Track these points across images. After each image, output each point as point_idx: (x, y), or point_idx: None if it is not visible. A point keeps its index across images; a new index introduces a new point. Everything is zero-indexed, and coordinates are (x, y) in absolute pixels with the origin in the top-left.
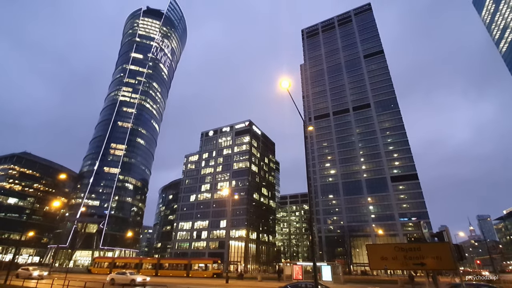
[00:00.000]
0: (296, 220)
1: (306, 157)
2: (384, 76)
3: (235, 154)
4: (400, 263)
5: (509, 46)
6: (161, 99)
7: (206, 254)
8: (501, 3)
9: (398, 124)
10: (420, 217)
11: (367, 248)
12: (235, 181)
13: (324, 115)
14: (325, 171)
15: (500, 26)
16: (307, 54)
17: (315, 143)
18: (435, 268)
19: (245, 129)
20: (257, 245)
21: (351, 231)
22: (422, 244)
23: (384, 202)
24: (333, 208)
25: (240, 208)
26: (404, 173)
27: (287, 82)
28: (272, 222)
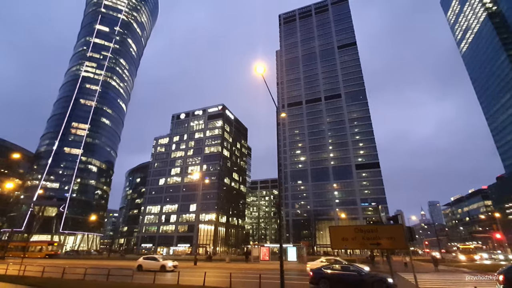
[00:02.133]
0: (266, 204)
1: (277, 143)
2: (355, 68)
3: (207, 138)
4: (359, 243)
5: (469, 47)
6: (129, 77)
7: (174, 238)
8: (465, 4)
9: (365, 115)
10: (379, 202)
11: (329, 229)
12: (206, 165)
13: (297, 103)
14: (295, 158)
15: (462, 27)
16: (283, 41)
17: (287, 130)
18: (389, 248)
19: (218, 113)
20: (227, 228)
21: (316, 215)
22: (378, 226)
23: (348, 188)
24: (301, 193)
25: (210, 192)
26: (367, 161)
27: (262, 67)
28: (242, 206)
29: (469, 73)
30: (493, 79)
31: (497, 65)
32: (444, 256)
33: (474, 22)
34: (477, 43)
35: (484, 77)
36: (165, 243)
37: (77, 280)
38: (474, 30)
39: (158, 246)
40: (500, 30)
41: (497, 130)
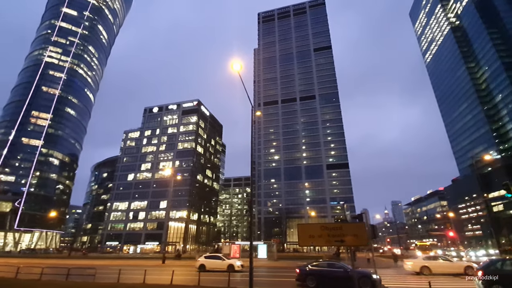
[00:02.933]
0: (238, 202)
1: (251, 141)
2: (330, 71)
3: (181, 134)
4: (325, 240)
5: (433, 57)
6: (98, 66)
7: (142, 236)
8: (432, 17)
9: (337, 117)
10: (347, 201)
11: (298, 227)
12: (179, 161)
13: (273, 102)
14: (270, 157)
15: (428, 39)
16: (262, 39)
17: (262, 128)
18: (352, 244)
19: (193, 109)
20: (198, 225)
21: (288, 213)
22: (343, 224)
23: (319, 187)
24: (274, 191)
25: (182, 189)
26: (337, 161)
27: (238, 64)
28: (214, 203)
29: (432, 82)
30: (453, 89)
31: (457, 76)
32: (404, 252)
33: (438, 34)
34: (440, 55)
35: (444, 86)
36: (132, 241)
37: (33, 280)
38: (438, 42)
39: (124, 244)
40: (461, 43)
41: (454, 136)
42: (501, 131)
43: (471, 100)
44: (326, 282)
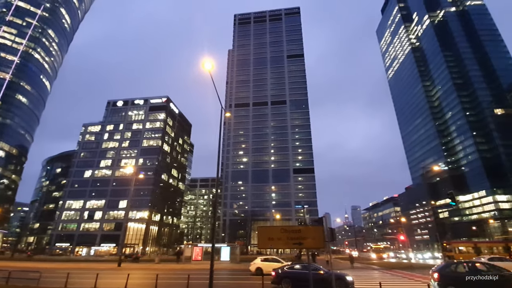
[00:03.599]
0: (204, 203)
1: (219, 142)
2: (301, 78)
3: (147, 131)
4: (283, 243)
5: (394, 74)
6: (57, 52)
7: (98, 237)
8: (395, 37)
9: (306, 123)
10: (310, 205)
11: (258, 230)
12: (143, 159)
13: (244, 104)
14: (238, 159)
15: (391, 56)
16: (237, 41)
17: (232, 130)
18: (310, 247)
19: (161, 105)
20: (160, 227)
21: (253, 216)
22: (301, 227)
23: (285, 191)
24: (240, 193)
25: (145, 188)
26: (304, 166)
27: (210, 63)
28: (178, 204)
29: (392, 96)
30: (410, 104)
31: (414, 92)
32: (361, 254)
33: (400, 53)
34: (400, 72)
35: (403, 101)
36: (85, 242)
37: None
38: (399, 60)
39: (77, 245)
40: (419, 63)
41: (409, 148)
42: (449, 145)
43: (425, 115)
44: (301, 284)
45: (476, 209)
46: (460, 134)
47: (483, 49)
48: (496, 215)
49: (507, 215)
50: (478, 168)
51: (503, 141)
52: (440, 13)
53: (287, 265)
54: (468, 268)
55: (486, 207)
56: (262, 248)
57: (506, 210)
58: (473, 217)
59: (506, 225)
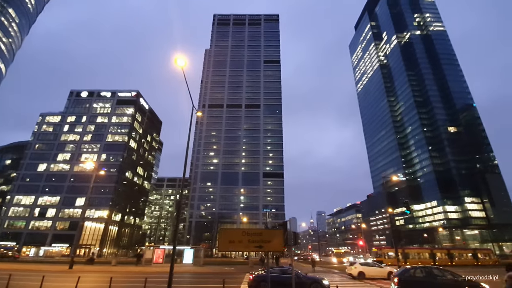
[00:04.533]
0: (170, 204)
1: (188, 141)
2: (276, 84)
3: (113, 125)
4: (244, 246)
5: (363, 88)
6: (17, 34)
7: (49, 236)
8: (366, 53)
9: (278, 128)
10: (278, 209)
11: (220, 232)
12: (106, 155)
13: (218, 105)
14: (208, 160)
15: (361, 71)
16: (214, 41)
17: (204, 130)
18: (270, 250)
19: (130, 100)
20: (120, 227)
21: (220, 218)
22: (263, 230)
23: (254, 194)
24: (208, 195)
25: (106, 185)
26: (274, 171)
27: (183, 60)
28: (142, 204)
29: (360, 109)
30: (375, 117)
31: (380, 106)
32: (324, 259)
33: (369, 68)
34: (369, 86)
35: (369, 114)
36: (34, 242)
37: None
38: (368, 75)
39: (24, 245)
40: (386, 79)
41: (372, 158)
42: (408, 157)
43: (388, 128)
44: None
45: (428, 217)
46: (418, 148)
47: (442, 72)
48: (445, 224)
49: (454, 224)
50: (432, 180)
51: (454, 157)
52: (407, 35)
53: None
54: (425, 273)
55: (436, 216)
56: (222, 251)
57: (453, 220)
58: (425, 225)
59: (453, 233)
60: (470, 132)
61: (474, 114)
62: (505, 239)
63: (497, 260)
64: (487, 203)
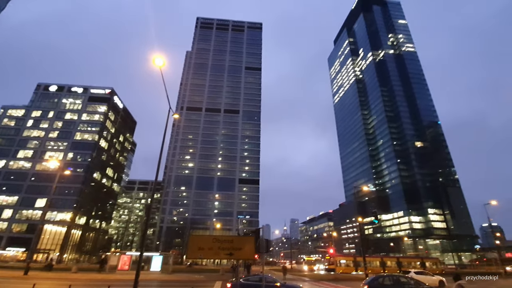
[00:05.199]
0: (141, 207)
1: (162, 143)
2: (256, 91)
3: (83, 123)
4: (214, 253)
5: (339, 100)
6: None
7: (4, 239)
8: (343, 67)
9: (256, 135)
10: (252, 216)
11: (189, 238)
12: (73, 154)
13: (197, 108)
14: (183, 163)
15: (338, 84)
16: (196, 44)
17: (181, 133)
18: (241, 258)
19: (103, 97)
20: (84, 231)
21: (193, 224)
22: (235, 237)
23: (229, 200)
24: (182, 199)
25: (71, 186)
26: (250, 177)
27: (161, 60)
28: (110, 207)
29: (336, 120)
30: (349, 129)
31: (354, 119)
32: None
33: (346, 82)
34: (344, 99)
35: (344, 125)
36: None
37: None
38: (345, 88)
39: None
40: (361, 93)
41: (345, 168)
42: (378, 169)
43: (361, 140)
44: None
45: (395, 227)
46: (388, 160)
47: (411, 89)
48: (410, 233)
49: (418, 234)
50: (399, 192)
51: (420, 170)
52: (381, 53)
53: (242, 277)
54: (393, 281)
55: (402, 226)
56: (191, 258)
57: (417, 230)
58: (392, 235)
59: (417, 243)
60: (435, 147)
61: (438, 131)
62: (464, 249)
63: (443, 269)
64: (448, 215)
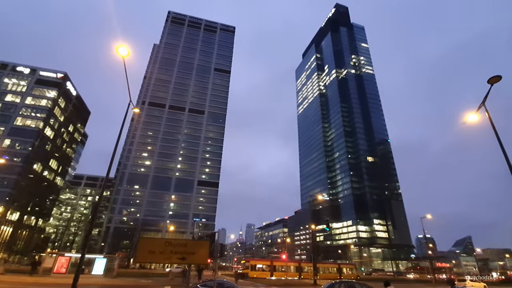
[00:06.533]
0: (86, 205)
1: (118, 137)
2: (224, 94)
3: (26, 107)
4: (165, 257)
5: (303, 111)
6: None
7: None
8: (309, 80)
9: (220, 137)
10: (209, 219)
11: (139, 241)
12: (11, 141)
13: (160, 104)
14: (140, 161)
15: (303, 95)
16: (165, 38)
17: (140, 129)
18: (194, 262)
19: (54, 81)
20: (16, 228)
21: (144, 225)
22: (188, 241)
23: (185, 202)
24: (134, 199)
25: (5, 177)
26: (209, 179)
27: (125, 50)
28: (50, 203)
29: (299, 130)
30: (309, 140)
31: (315, 131)
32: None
33: (310, 94)
34: (308, 110)
35: (305, 136)
36: None
37: None
38: (309, 100)
39: None
40: (323, 107)
41: (303, 177)
42: (333, 179)
43: (320, 151)
44: None
45: (344, 235)
46: (342, 172)
47: (368, 108)
48: (356, 242)
49: (364, 242)
50: (350, 202)
51: (369, 183)
52: (344, 71)
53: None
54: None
55: (350, 235)
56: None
57: (363, 239)
58: (341, 242)
59: (362, 250)
60: (383, 163)
61: (388, 149)
62: (401, 257)
63: (359, 275)
64: (390, 226)
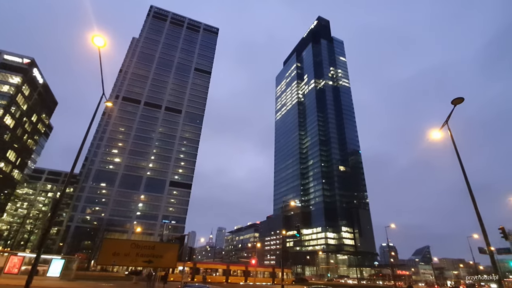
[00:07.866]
0: (46, 202)
1: (88, 129)
2: (203, 95)
3: None
4: (130, 260)
5: (281, 118)
6: None
7: None
8: (289, 87)
9: (196, 138)
10: (179, 221)
11: (103, 242)
12: None
13: (135, 100)
14: (109, 157)
15: (282, 102)
16: (146, 33)
17: (112, 124)
18: (161, 266)
19: (19, 66)
20: None
21: (109, 225)
22: (157, 243)
23: (155, 203)
24: (100, 197)
25: None
26: (182, 181)
27: (102, 40)
28: (5, 197)
29: (275, 136)
30: (285, 146)
31: (292, 138)
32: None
33: (289, 101)
34: (285, 117)
35: (282, 142)
36: None
37: None
38: (287, 107)
39: None
40: (300, 115)
41: (277, 183)
42: (306, 186)
43: (294, 158)
44: None
45: (313, 242)
46: (315, 179)
47: (342, 119)
48: (324, 248)
49: (331, 249)
50: (321, 209)
51: (340, 191)
52: (322, 82)
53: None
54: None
55: (319, 241)
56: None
57: (331, 245)
58: (309, 248)
59: (329, 257)
60: (354, 173)
61: (358, 159)
62: (366, 264)
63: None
64: (356, 233)
